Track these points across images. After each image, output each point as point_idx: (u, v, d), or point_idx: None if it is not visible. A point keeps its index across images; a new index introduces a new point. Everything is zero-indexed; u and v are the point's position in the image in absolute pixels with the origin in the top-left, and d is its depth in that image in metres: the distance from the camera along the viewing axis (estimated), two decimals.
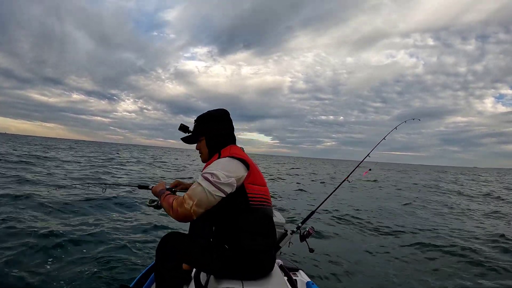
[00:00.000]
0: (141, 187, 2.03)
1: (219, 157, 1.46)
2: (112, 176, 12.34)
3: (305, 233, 2.27)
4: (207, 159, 1.59)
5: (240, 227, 1.38)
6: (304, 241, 2.28)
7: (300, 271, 2.54)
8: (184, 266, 1.94)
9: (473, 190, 16.76)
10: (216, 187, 1.29)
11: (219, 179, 1.30)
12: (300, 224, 2.41)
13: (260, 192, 1.44)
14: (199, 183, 1.32)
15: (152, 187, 1.71)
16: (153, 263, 1.94)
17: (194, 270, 1.84)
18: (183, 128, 1.63)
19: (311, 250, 2.32)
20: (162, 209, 1.58)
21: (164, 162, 26.56)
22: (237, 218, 1.39)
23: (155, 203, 1.80)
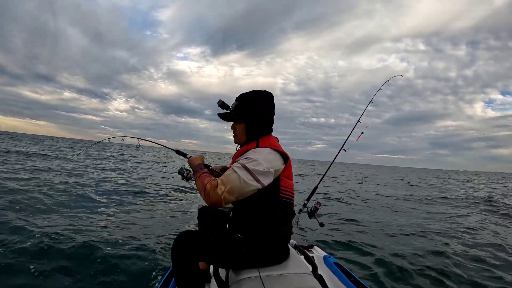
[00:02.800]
0: (179, 152, 1.89)
1: (257, 146, 1.41)
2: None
3: (312, 209, 2.29)
4: (241, 143, 1.52)
5: (264, 218, 1.38)
6: (313, 217, 2.31)
7: (315, 247, 2.58)
8: (201, 265, 1.94)
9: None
10: (253, 177, 1.21)
11: (258, 166, 1.23)
12: (306, 202, 2.43)
13: (291, 186, 1.45)
14: (234, 170, 1.23)
15: (190, 157, 1.62)
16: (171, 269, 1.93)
17: (212, 267, 1.84)
18: (222, 105, 1.52)
19: (322, 225, 2.34)
20: (190, 182, 1.50)
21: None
22: (263, 209, 1.36)
23: (186, 173, 1.72)
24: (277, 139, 1.54)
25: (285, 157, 1.37)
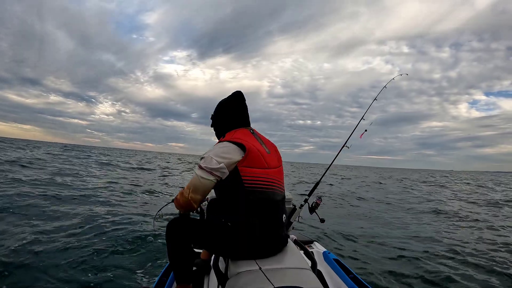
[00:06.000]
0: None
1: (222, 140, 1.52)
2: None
3: (313, 205, 2.29)
4: (217, 139, 1.67)
5: (238, 207, 1.40)
6: (314, 213, 2.31)
7: (315, 242, 2.59)
8: (202, 255, 1.96)
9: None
10: (207, 172, 1.36)
11: (210, 164, 1.36)
12: (307, 197, 2.43)
13: (259, 175, 1.42)
14: (194, 172, 1.41)
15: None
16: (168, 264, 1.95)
17: (212, 258, 1.85)
18: (212, 117, 1.72)
19: (322, 220, 2.34)
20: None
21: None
22: (234, 199, 1.41)
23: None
24: (252, 131, 1.59)
25: (243, 147, 1.40)
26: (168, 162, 33.15)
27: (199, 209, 1.92)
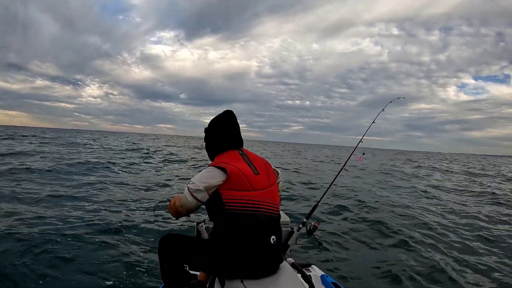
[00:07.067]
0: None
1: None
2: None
3: (311, 228, 2.30)
4: (209, 159, 1.79)
5: (222, 229, 1.49)
6: (312, 236, 2.31)
7: (313, 266, 2.57)
8: (199, 276, 1.96)
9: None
10: (190, 194, 1.51)
11: (193, 187, 1.50)
12: (305, 220, 2.44)
13: (242, 197, 1.46)
14: (184, 192, 1.57)
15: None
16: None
17: (209, 281, 1.85)
18: (205, 131, 1.82)
19: (320, 244, 2.34)
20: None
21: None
22: (219, 221, 1.52)
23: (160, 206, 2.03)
24: (241, 151, 1.67)
25: (225, 171, 1.48)
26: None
27: (195, 230, 1.96)
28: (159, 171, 12.91)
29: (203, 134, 1.81)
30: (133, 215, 5.64)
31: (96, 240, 4.14)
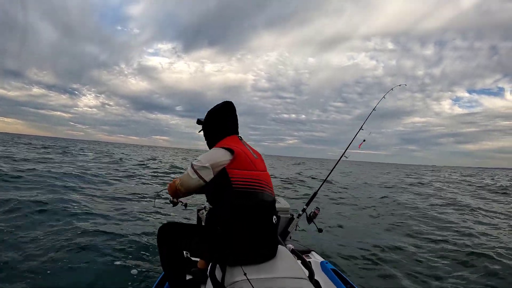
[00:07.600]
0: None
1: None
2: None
3: (311, 214, 2.30)
4: (208, 148, 1.76)
5: (226, 209, 1.45)
6: (312, 222, 2.31)
7: (313, 252, 2.58)
8: (199, 264, 1.96)
9: None
10: (194, 171, 1.49)
11: (198, 164, 1.49)
12: (305, 207, 2.44)
13: (248, 176, 1.49)
14: (187, 169, 1.56)
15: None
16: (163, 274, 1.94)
17: (209, 268, 1.85)
18: (198, 122, 1.83)
19: (320, 230, 2.34)
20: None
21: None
22: (223, 201, 1.47)
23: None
24: (241, 138, 1.71)
25: (231, 151, 1.50)
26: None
27: (196, 216, 1.94)
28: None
29: (198, 146, 1.80)
30: (133, 206, 5.64)
31: (99, 229, 4.14)
